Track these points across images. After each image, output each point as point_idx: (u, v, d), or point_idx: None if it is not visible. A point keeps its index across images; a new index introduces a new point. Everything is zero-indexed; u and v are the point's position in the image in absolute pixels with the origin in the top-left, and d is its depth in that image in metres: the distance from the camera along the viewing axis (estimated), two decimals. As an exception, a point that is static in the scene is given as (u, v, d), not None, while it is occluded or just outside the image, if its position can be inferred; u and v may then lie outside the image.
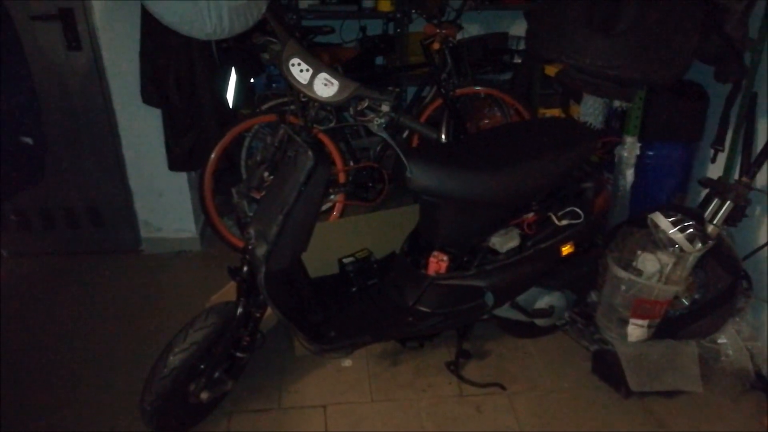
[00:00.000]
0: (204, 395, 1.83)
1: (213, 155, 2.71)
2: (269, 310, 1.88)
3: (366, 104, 1.59)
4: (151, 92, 2.62)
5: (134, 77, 2.61)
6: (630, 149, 2.39)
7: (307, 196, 1.69)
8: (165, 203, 2.96)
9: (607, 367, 2.15)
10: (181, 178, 2.92)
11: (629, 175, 2.41)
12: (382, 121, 1.58)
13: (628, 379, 2.06)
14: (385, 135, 1.61)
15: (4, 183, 1.84)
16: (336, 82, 1.58)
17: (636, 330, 2.04)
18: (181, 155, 2.77)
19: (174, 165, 2.81)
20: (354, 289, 2.13)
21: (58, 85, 2.64)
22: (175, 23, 2.35)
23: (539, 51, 2.09)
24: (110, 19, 2.55)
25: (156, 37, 2.51)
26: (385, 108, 1.56)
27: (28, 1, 2.46)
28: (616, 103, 2.38)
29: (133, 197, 2.93)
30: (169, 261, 3.00)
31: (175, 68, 2.58)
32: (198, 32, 2.41)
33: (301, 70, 1.61)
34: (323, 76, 1.59)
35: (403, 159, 1.72)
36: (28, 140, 1.84)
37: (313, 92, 1.60)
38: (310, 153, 1.65)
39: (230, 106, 2.88)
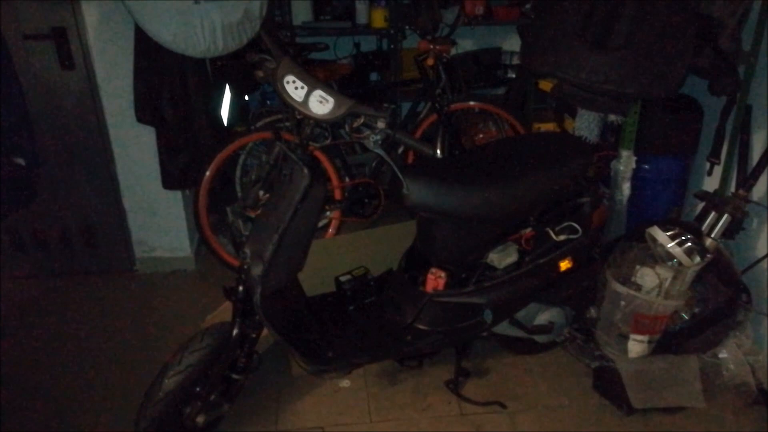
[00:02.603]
0: (200, 419, 1.79)
1: (207, 173, 2.69)
2: (265, 331, 1.85)
3: (362, 121, 1.58)
4: (145, 110, 2.61)
5: (128, 96, 2.60)
6: (626, 163, 2.39)
7: (303, 214, 1.67)
8: (159, 222, 2.93)
9: (609, 384, 2.13)
10: (176, 197, 2.90)
11: (626, 189, 2.41)
12: (378, 138, 1.57)
13: (630, 396, 2.03)
14: (381, 152, 1.60)
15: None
16: (331, 100, 1.58)
17: (636, 346, 2.02)
18: (176, 173, 2.75)
19: (168, 183, 2.79)
20: (351, 307, 2.11)
21: (52, 104, 2.62)
22: (168, 42, 2.36)
23: (534, 66, 2.10)
24: (104, 38, 2.55)
25: (150, 56, 2.50)
26: (380, 125, 1.55)
27: (21, 20, 2.45)
28: (611, 117, 2.38)
29: (127, 216, 2.91)
30: (164, 280, 2.97)
31: (169, 86, 2.57)
32: (192, 50, 2.42)
33: (296, 88, 1.60)
34: (318, 93, 1.58)
35: (400, 176, 1.71)
36: (21, 161, 1.83)
37: (309, 110, 1.59)
38: (305, 171, 1.63)
39: (224, 123, 2.88)
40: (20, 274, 2.92)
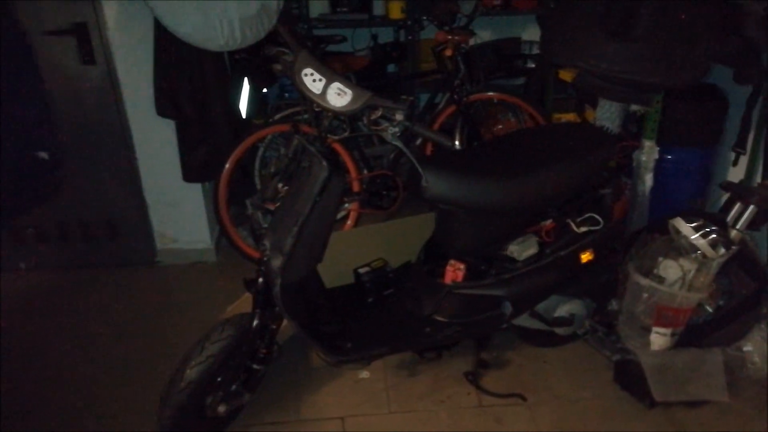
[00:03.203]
0: (221, 408, 1.82)
1: (227, 166, 2.71)
2: (285, 322, 1.87)
3: (380, 113, 1.58)
4: (165, 104, 2.63)
5: (148, 90, 2.62)
6: (648, 154, 2.35)
7: (322, 207, 1.67)
8: (180, 214, 2.96)
9: (630, 377, 2.11)
10: (196, 190, 2.92)
11: (648, 180, 2.37)
12: (396, 130, 1.56)
13: (652, 389, 2.01)
14: (399, 144, 1.59)
15: (21, 197, 1.84)
16: (349, 92, 1.57)
17: (659, 338, 2.00)
18: (196, 166, 2.77)
19: (188, 176, 2.81)
20: (370, 299, 2.11)
21: (73, 99, 2.65)
22: (187, 35, 2.37)
23: (555, 56, 2.07)
24: (124, 32, 2.57)
25: (169, 50, 2.52)
26: (399, 117, 1.55)
27: (43, 16, 2.48)
28: (634, 107, 2.35)
29: (149, 209, 2.94)
30: (185, 272, 3.00)
31: (189, 80, 2.59)
32: (210, 44, 2.43)
33: (314, 81, 1.60)
34: (336, 85, 1.58)
35: (418, 167, 1.70)
36: (44, 155, 1.86)
37: (327, 102, 1.58)
38: (324, 163, 1.63)
39: (243, 116, 2.89)
40: (44, 266, 2.97)
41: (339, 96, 1.58)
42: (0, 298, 2.68)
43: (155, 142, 2.78)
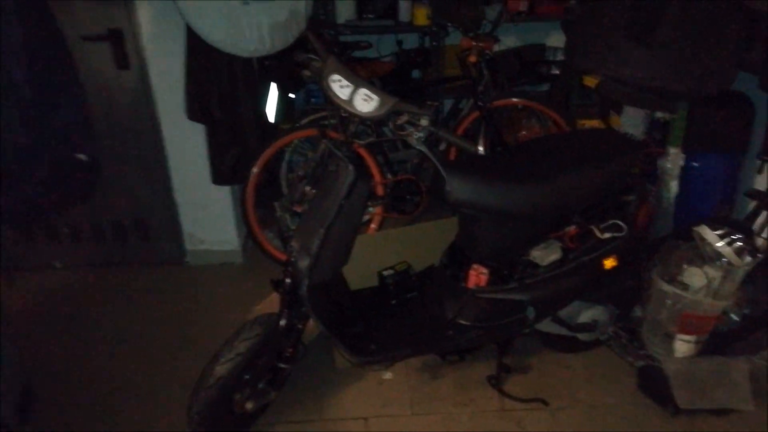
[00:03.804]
0: (249, 405, 1.86)
1: (255, 169, 2.77)
2: (311, 322, 1.91)
3: (405, 119, 1.61)
4: (196, 109, 2.70)
5: (179, 94, 2.69)
6: (674, 161, 2.35)
7: (347, 210, 1.71)
8: (209, 216, 3.03)
9: (654, 384, 2.10)
10: (225, 192, 2.99)
11: (673, 186, 2.37)
12: (421, 135, 1.59)
13: (676, 396, 2.00)
14: (424, 149, 1.62)
15: (60, 197, 1.92)
16: (375, 98, 1.61)
17: (683, 346, 1.99)
18: (225, 170, 2.83)
19: (218, 179, 2.88)
20: (393, 301, 2.14)
21: (108, 102, 2.74)
22: (218, 42, 2.43)
23: (579, 63, 2.08)
24: (157, 38, 2.65)
25: (200, 56, 2.59)
26: (424, 122, 1.58)
27: (80, 22, 2.57)
28: (659, 114, 2.34)
29: (179, 210, 3.01)
30: (213, 273, 3.07)
31: (219, 85, 2.65)
32: (240, 50, 2.49)
33: (342, 86, 1.64)
34: (363, 91, 1.62)
35: (443, 172, 1.73)
36: (83, 157, 1.93)
37: (354, 108, 1.62)
38: (350, 167, 1.67)
39: (271, 121, 2.94)
40: (78, 264, 3.05)
41: (366, 102, 1.61)
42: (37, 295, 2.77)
43: (186, 146, 2.85)
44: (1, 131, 1.65)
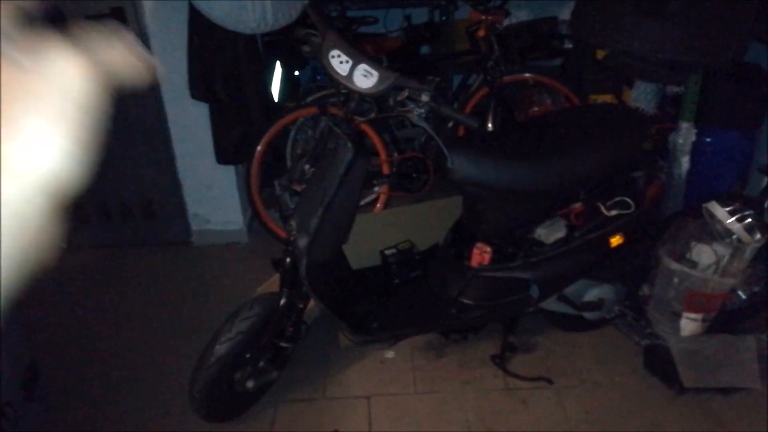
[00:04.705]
0: (249, 384, 1.87)
1: (259, 148, 2.75)
2: (313, 302, 1.90)
3: (406, 94, 1.58)
4: (199, 88, 2.68)
5: (183, 73, 2.66)
6: (685, 136, 2.29)
7: (346, 188, 1.69)
8: (214, 196, 3.02)
9: (660, 363, 2.08)
10: (229, 172, 2.98)
11: (684, 162, 2.31)
12: (422, 111, 1.56)
13: (681, 375, 1.98)
14: (425, 125, 1.59)
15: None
16: (375, 73, 1.57)
17: (690, 324, 1.96)
18: (229, 149, 2.82)
19: (222, 158, 2.86)
20: (396, 280, 2.13)
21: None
22: (220, 19, 2.40)
23: (584, 35, 2.02)
24: (159, 17, 2.62)
25: (203, 34, 2.56)
26: (424, 98, 1.55)
27: (83, 1, 2.55)
28: (672, 88, 2.27)
29: (184, 191, 3.01)
30: (218, 252, 3.07)
31: (222, 63, 2.62)
32: (243, 27, 2.46)
33: (341, 62, 1.60)
34: (363, 67, 1.58)
35: (444, 149, 1.70)
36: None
37: (353, 84, 1.59)
38: (349, 145, 1.65)
39: (275, 99, 2.91)
40: (84, 245, 3.08)
41: (365, 77, 1.58)
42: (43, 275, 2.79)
43: (189, 125, 2.84)
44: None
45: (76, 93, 0.36)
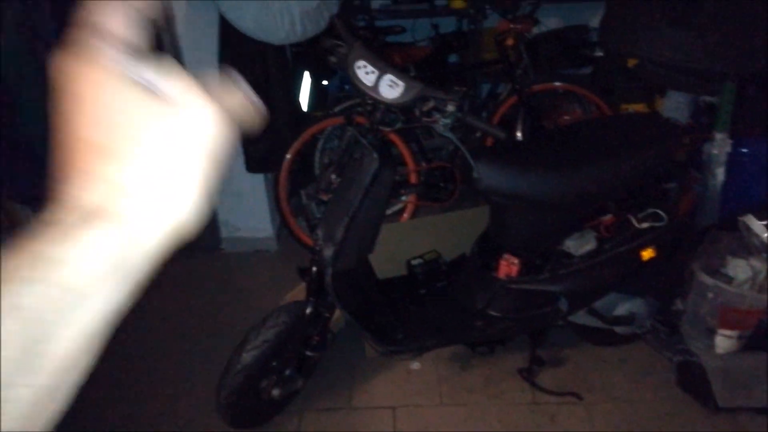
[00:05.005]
0: (275, 392, 1.88)
1: (288, 157, 2.77)
2: (339, 311, 1.90)
3: (431, 105, 1.57)
4: (229, 97, 2.71)
5: (214, 84, 2.70)
6: (720, 146, 2.22)
7: (372, 198, 1.69)
8: (243, 204, 3.06)
9: (693, 380, 2.02)
10: (259, 180, 3.01)
11: (719, 174, 2.24)
12: (448, 121, 1.55)
13: (715, 394, 1.92)
14: (450, 135, 1.58)
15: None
16: (401, 84, 1.57)
17: (724, 341, 1.90)
18: (258, 158, 2.85)
19: (251, 167, 2.89)
20: (422, 291, 2.11)
21: (145, 91, 2.78)
22: (250, 29, 2.43)
23: (612, 44, 1.99)
24: (190, 26, 2.66)
25: (233, 44, 2.60)
26: (450, 108, 1.54)
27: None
28: (706, 97, 2.22)
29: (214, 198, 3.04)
30: (247, 260, 3.10)
31: (251, 73, 2.66)
32: (271, 37, 2.49)
33: (367, 73, 1.61)
34: (388, 77, 1.58)
35: (470, 159, 1.69)
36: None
37: (379, 94, 1.59)
38: (375, 155, 1.65)
39: (304, 109, 2.94)
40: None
41: (391, 88, 1.58)
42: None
43: (220, 134, 2.87)
44: (38, 126, 1.70)
45: (209, 137, 0.36)
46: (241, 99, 0.39)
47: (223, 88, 0.38)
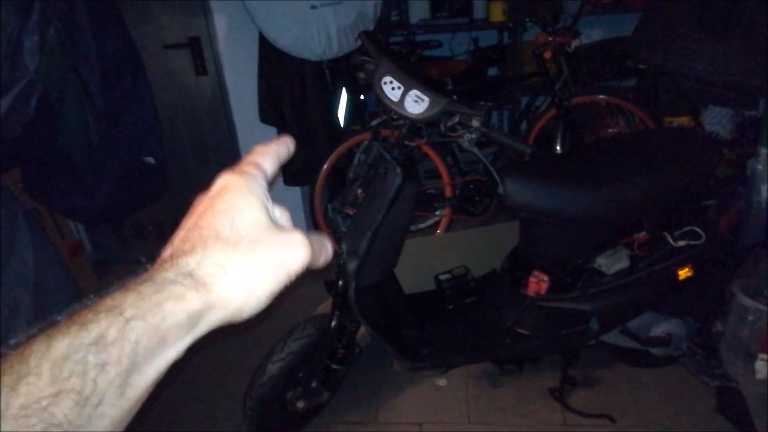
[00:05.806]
0: (300, 404, 1.89)
1: (323, 170, 2.81)
2: (364, 325, 1.91)
3: (456, 120, 1.57)
4: (268, 112, 2.78)
5: (253, 98, 2.78)
6: (765, 162, 2.12)
7: (395, 213, 1.69)
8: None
9: (733, 406, 1.92)
10: (296, 193, 3.06)
11: (764, 191, 2.14)
12: (473, 136, 1.55)
13: (756, 422, 1.82)
14: (475, 150, 1.57)
15: (130, 199, 2.04)
16: (426, 99, 1.58)
17: (765, 366, 1.80)
18: (295, 171, 2.90)
19: (288, 180, 2.95)
20: (450, 306, 2.10)
21: (188, 107, 2.89)
22: (288, 46, 2.50)
23: (643, 55, 1.93)
24: (232, 45, 2.75)
25: (272, 61, 2.67)
26: (475, 123, 1.53)
27: (163, 32, 2.72)
28: (749, 111, 2.13)
29: (252, 210, 3.11)
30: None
31: (290, 89, 2.72)
32: (308, 54, 2.54)
33: (393, 88, 1.62)
34: (414, 93, 1.59)
35: (495, 175, 1.67)
36: (150, 160, 2.04)
37: (404, 109, 1.60)
38: (398, 170, 1.65)
39: (341, 123, 2.98)
40: (142, 262, 3.23)
41: (416, 103, 1.59)
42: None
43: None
44: (76, 139, 1.79)
45: (297, 261, 0.44)
46: (324, 249, 0.47)
47: (315, 239, 0.46)
